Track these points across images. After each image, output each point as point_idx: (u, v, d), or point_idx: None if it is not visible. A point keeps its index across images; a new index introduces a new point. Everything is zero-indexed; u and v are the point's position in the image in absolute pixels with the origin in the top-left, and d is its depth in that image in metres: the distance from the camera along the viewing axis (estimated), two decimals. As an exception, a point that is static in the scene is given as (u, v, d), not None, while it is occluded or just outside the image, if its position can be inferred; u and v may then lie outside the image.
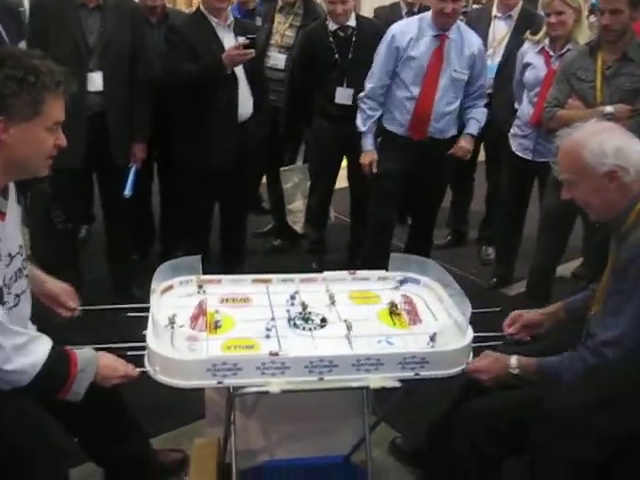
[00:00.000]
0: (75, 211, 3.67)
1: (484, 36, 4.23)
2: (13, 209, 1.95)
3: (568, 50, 3.58)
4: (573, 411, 1.45)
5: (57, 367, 1.85)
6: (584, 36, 3.59)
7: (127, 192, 3.52)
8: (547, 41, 3.71)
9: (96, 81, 3.32)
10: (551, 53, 3.69)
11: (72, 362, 1.88)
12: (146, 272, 3.39)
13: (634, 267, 1.92)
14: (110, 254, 3.82)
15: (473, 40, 3.70)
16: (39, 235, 3.17)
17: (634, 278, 1.92)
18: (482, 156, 4.68)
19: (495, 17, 4.32)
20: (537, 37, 3.78)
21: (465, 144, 3.75)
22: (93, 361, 1.92)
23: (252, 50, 3.42)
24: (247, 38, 3.42)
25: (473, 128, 3.78)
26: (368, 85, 3.75)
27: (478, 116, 3.79)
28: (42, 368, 1.81)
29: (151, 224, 4.43)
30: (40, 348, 1.85)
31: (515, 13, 4.25)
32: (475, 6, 8.45)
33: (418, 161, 3.74)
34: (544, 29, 3.72)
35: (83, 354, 1.92)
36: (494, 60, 4.24)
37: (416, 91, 3.67)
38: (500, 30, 4.29)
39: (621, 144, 1.98)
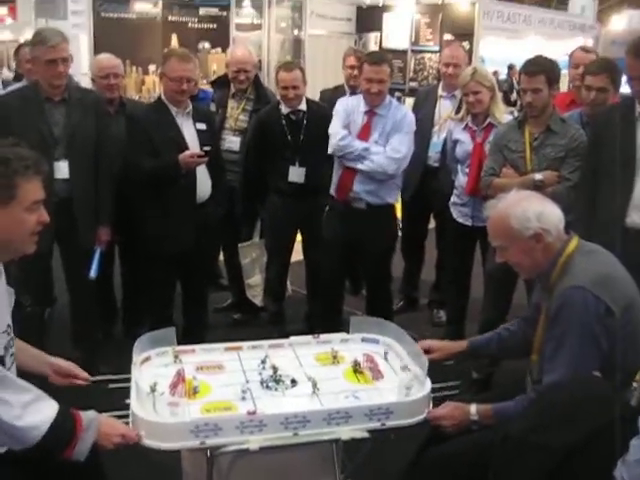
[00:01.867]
0: (42, 294, 3.77)
1: (431, 114, 4.57)
2: (3, 291, 2.08)
3: (489, 124, 3.90)
4: (525, 431, 1.64)
5: (64, 425, 1.91)
6: (500, 111, 3.93)
7: (92, 274, 3.64)
8: (469, 118, 4.00)
9: (62, 169, 3.49)
10: (474, 128, 3.97)
11: (78, 421, 1.94)
12: (110, 349, 3.50)
13: (562, 314, 2.17)
14: (75, 333, 3.88)
15: (398, 115, 3.94)
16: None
17: (564, 324, 2.17)
18: (432, 223, 4.95)
19: (440, 97, 4.60)
20: (459, 116, 4.10)
21: None
22: (95, 421, 1.98)
23: (206, 158, 3.67)
24: (203, 150, 3.69)
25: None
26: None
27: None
28: (51, 426, 1.87)
29: (114, 304, 4.51)
30: (47, 405, 1.91)
31: (458, 93, 4.41)
32: (412, 84, 8.99)
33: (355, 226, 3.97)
34: (464, 108, 4.04)
35: (86, 413, 1.99)
36: (440, 137, 4.50)
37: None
38: (445, 109, 4.56)
39: (541, 209, 2.27)
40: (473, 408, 2.27)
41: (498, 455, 1.68)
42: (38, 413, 1.88)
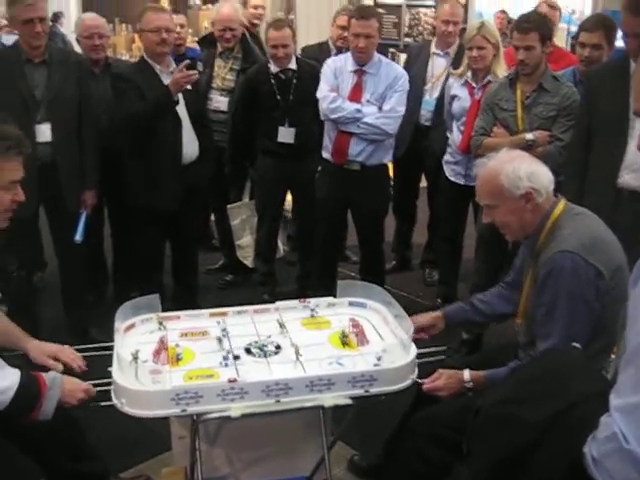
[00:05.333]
0: (28, 258, 3.73)
1: (423, 72, 4.47)
2: None
3: (489, 81, 3.82)
4: (498, 404, 1.62)
5: (30, 387, 1.98)
6: (502, 69, 3.83)
7: (78, 237, 3.60)
8: (469, 74, 3.94)
9: (44, 132, 3.42)
10: (474, 85, 3.91)
11: (41, 381, 2.02)
12: (102, 313, 3.51)
13: (552, 279, 2.13)
14: (65, 299, 3.87)
15: (391, 73, 3.87)
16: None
17: (553, 289, 2.13)
18: (424, 182, 4.91)
19: (434, 54, 4.49)
20: (459, 71, 4.01)
21: None
22: (58, 379, 2.06)
23: (195, 71, 3.58)
24: (188, 62, 3.60)
25: None
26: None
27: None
28: (18, 388, 1.95)
29: (104, 268, 4.53)
30: (11, 372, 1.98)
31: (452, 51, 4.42)
32: (407, 39, 8.81)
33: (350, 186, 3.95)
34: (465, 62, 3.96)
35: (48, 374, 2.07)
36: (432, 95, 4.44)
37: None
38: (438, 66, 4.48)
39: (533, 168, 2.22)
40: (467, 375, 2.26)
41: (472, 425, 1.67)
42: (3, 379, 1.94)
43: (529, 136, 3.35)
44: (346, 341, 2.37)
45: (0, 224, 2.07)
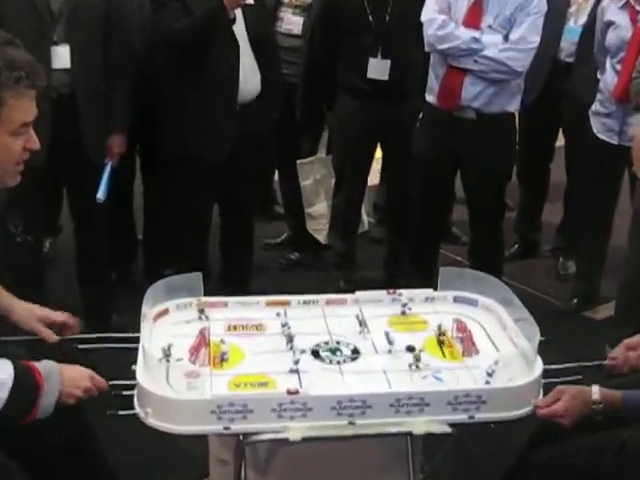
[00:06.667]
0: (36, 220, 3.80)
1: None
2: None
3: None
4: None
5: (26, 379, 2.01)
6: None
7: (100, 196, 3.66)
8: (633, -8, 3.84)
9: (62, 56, 3.47)
10: (637, 8, 3.79)
11: (36, 372, 2.03)
12: (127, 295, 3.59)
13: None
14: (81, 274, 3.96)
15: None
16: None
17: None
18: (561, 140, 4.84)
19: None
20: None
21: None
22: (54, 368, 2.08)
23: None
24: None
25: None
26: None
27: None
28: (14, 382, 1.97)
29: (133, 235, 4.62)
30: (3, 363, 2.01)
31: None
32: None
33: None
34: None
35: (42, 363, 2.08)
36: (578, 21, 4.39)
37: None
38: None
39: None
40: (596, 393, 2.18)
41: (614, 466, 1.62)
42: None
43: None
44: (447, 347, 2.35)
45: (11, 180, 2.10)
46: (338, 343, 2.35)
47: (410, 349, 2.31)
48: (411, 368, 2.23)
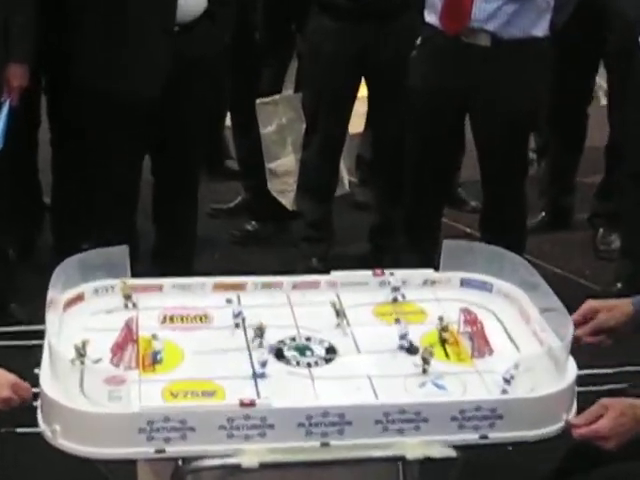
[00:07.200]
0: None
1: None
2: None
3: None
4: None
5: None
6: None
7: (-1, 143, 3.63)
8: None
9: None
10: None
11: None
12: (30, 277, 3.57)
13: None
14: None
15: None
16: None
17: None
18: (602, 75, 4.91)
19: None
20: None
21: None
22: None
23: None
24: None
25: None
26: None
27: None
28: None
29: (38, 198, 4.64)
30: None
31: None
32: None
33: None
34: None
35: None
36: None
37: None
38: None
39: None
40: None
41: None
42: None
43: None
44: (451, 345, 2.35)
45: None
46: (308, 340, 2.34)
47: (404, 348, 2.30)
48: (405, 373, 2.21)
